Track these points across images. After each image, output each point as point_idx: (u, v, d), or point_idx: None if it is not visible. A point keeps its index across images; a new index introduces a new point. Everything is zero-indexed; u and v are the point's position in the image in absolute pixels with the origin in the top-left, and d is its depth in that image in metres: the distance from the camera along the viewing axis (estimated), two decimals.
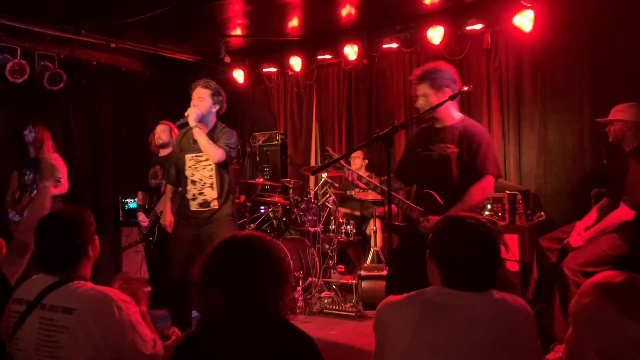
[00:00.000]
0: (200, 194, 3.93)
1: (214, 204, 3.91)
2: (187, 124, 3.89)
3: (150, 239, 4.91)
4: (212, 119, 4.05)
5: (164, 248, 4.77)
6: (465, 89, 2.93)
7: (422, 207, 3.04)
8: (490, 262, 1.66)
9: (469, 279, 1.62)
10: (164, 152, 5.04)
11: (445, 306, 1.60)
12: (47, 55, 5.61)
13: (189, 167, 3.96)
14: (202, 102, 3.92)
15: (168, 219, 4.20)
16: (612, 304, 1.23)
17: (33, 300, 1.88)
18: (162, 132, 5.03)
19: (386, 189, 2.43)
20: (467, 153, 3.00)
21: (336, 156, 3.19)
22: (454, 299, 1.61)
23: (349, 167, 3.25)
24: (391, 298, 1.70)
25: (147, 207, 5.13)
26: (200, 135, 3.83)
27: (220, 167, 3.92)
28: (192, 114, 3.84)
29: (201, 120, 3.91)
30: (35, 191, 4.70)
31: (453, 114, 3.15)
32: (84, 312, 1.82)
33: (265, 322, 1.50)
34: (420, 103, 3.15)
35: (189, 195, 3.97)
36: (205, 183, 3.93)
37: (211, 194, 3.91)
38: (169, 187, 4.27)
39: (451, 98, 2.90)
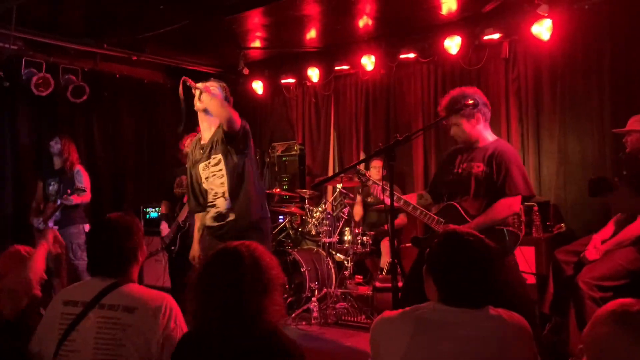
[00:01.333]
0: (212, 206, 3.37)
1: (231, 216, 3.32)
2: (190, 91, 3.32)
3: (173, 248, 4.97)
4: None
5: (186, 257, 4.83)
6: (471, 102, 2.92)
7: (445, 219, 3.05)
8: (485, 279, 1.64)
9: (464, 296, 1.61)
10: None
11: (438, 323, 1.59)
12: (71, 69, 5.78)
13: (206, 178, 3.39)
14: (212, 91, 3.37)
15: (194, 252, 3.57)
16: (630, 335, 1.18)
17: (90, 301, 1.93)
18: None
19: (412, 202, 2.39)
20: (496, 173, 3.03)
21: (366, 174, 3.33)
22: (448, 315, 1.60)
23: (374, 180, 3.30)
24: (386, 314, 1.70)
25: (169, 216, 5.19)
26: (209, 99, 3.24)
27: (235, 173, 3.29)
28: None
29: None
30: (59, 201, 4.84)
31: (486, 135, 3.19)
32: (144, 311, 1.89)
33: (248, 330, 1.52)
34: (454, 131, 3.20)
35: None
36: (217, 193, 3.35)
37: (224, 205, 3.32)
38: (196, 216, 3.62)
39: (456, 112, 2.90)
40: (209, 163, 3.35)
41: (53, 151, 5.09)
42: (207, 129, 3.39)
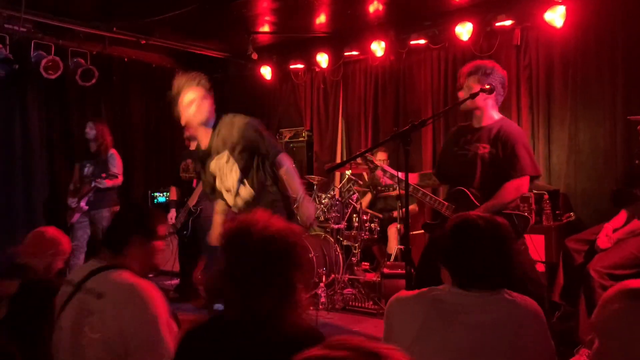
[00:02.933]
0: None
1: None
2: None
3: (185, 232, 4.98)
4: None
5: (197, 242, 4.86)
6: (487, 87, 2.88)
7: (454, 205, 3.02)
8: (498, 261, 1.62)
9: (478, 280, 1.61)
10: (194, 145, 5.11)
11: (453, 305, 1.59)
12: (80, 52, 5.77)
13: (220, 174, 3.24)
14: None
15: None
16: None
17: (77, 283, 1.95)
18: None
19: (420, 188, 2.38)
20: (502, 152, 2.97)
21: (375, 161, 3.20)
22: (463, 299, 1.60)
23: (382, 167, 3.25)
24: (402, 293, 1.69)
25: (178, 202, 5.20)
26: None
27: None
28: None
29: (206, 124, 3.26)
30: (93, 183, 4.98)
31: (492, 114, 3.10)
32: (111, 299, 1.86)
33: (264, 322, 1.40)
34: (463, 95, 3.08)
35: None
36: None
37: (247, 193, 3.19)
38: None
39: (472, 97, 2.86)
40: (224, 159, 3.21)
41: (88, 136, 5.20)
42: (205, 136, 3.29)
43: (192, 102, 3.15)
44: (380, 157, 5.51)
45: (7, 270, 2.61)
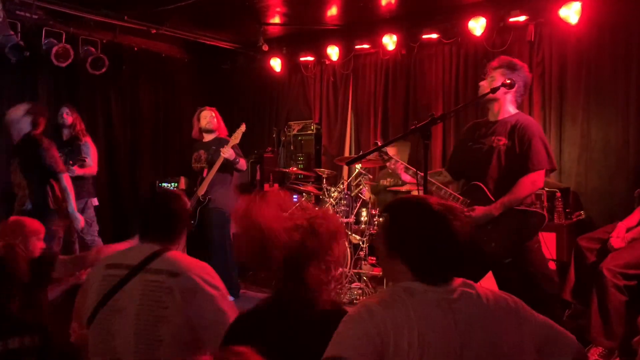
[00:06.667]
0: None
1: None
2: None
3: (192, 222, 4.98)
4: None
5: (204, 231, 4.87)
6: (508, 81, 2.85)
7: (469, 199, 2.99)
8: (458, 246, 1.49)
9: (441, 271, 1.48)
10: (208, 137, 5.09)
11: (433, 302, 1.43)
12: (91, 40, 5.75)
13: None
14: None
15: None
16: None
17: (137, 265, 1.97)
18: (210, 117, 5.07)
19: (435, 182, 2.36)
20: (519, 146, 2.93)
21: (388, 153, 3.25)
22: (434, 294, 1.44)
23: (397, 159, 3.23)
24: (373, 304, 1.44)
25: (187, 191, 5.19)
26: None
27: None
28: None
29: None
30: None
31: (509, 108, 3.07)
32: (186, 276, 1.93)
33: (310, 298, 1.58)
34: (484, 83, 3.06)
35: None
36: None
37: None
38: None
39: (492, 91, 2.83)
40: None
41: (64, 122, 5.01)
42: None
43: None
44: (390, 153, 5.46)
45: None
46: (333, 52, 6.33)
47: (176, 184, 5.83)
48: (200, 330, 1.90)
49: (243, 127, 4.91)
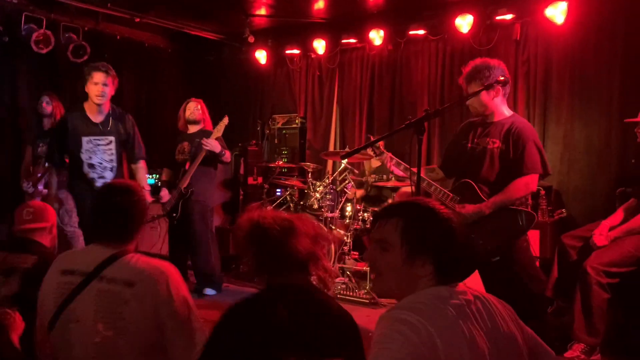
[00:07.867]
0: None
1: None
2: None
3: (174, 215, 4.91)
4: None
5: (187, 224, 4.80)
6: (501, 78, 2.86)
7: (459, 196, 3.01)
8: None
9: (460, 269, 1.48)
10: (193, 129, 5.02)
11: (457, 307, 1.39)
12: (72, 27, 5.62)
13: None
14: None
15: None
16: None
17: (91, 273, 1.86)
18: (195, 109, 4.99)
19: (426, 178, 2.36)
20: (513, 150, 2.97)
21: (380, 147, 3.22)
22: (457, 295, 1.42)
23: (391, 155, 3.23)
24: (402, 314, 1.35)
25: (170, 182, 5.10)
26: None
27: None
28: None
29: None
30: (47, 163, 4.60)
31: (503, 110, 3.12)
32: (143, 285, 1.82)
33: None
34: (470, 101, 3.10)
35: None
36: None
37: None
38: None
39: (485, 88, 2.84)
40: None
41: (44, 112, 4.90)
42: None
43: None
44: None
45: (17, 246, 2.48)
46: (319, 45, 6.29)
47: (157, 176, 5.74)
48: (164, 341, 1.82)
49: (226, 120, 4.84)
